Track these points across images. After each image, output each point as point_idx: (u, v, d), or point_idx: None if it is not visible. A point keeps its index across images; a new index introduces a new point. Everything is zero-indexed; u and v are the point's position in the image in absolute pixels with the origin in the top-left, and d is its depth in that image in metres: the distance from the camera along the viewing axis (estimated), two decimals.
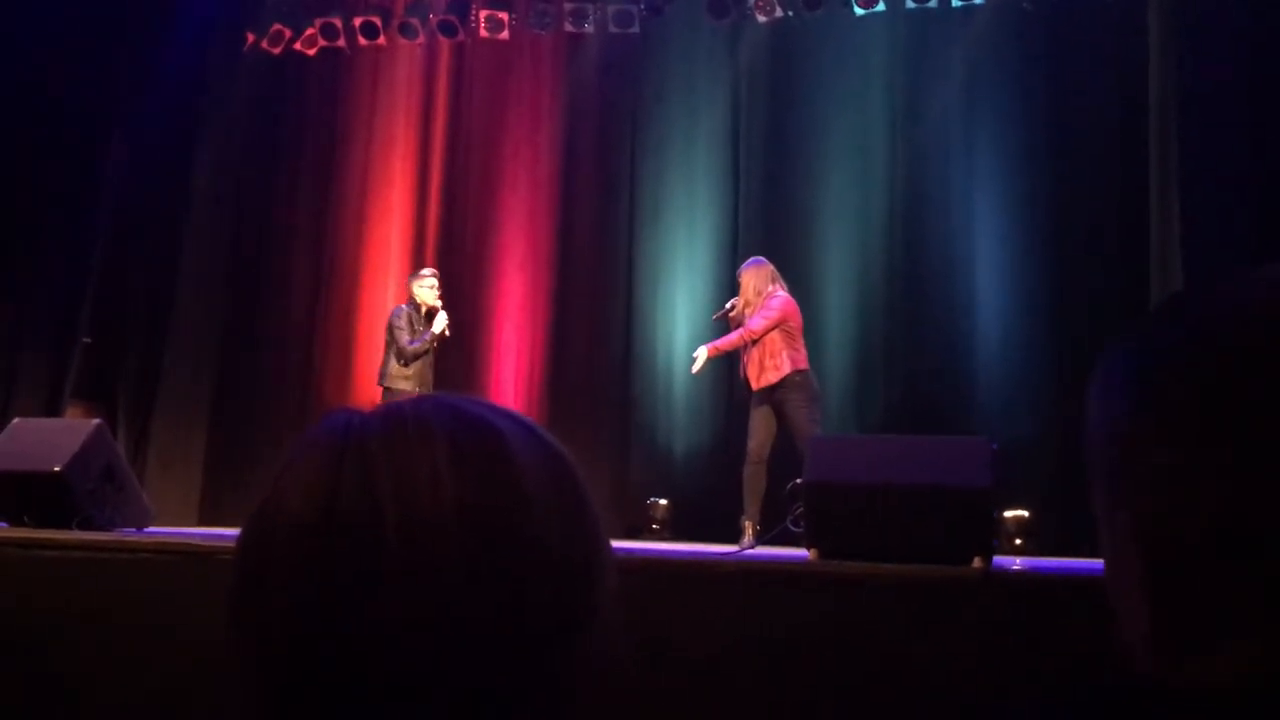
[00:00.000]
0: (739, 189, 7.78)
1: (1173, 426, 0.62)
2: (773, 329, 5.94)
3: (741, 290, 6.16)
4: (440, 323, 6.81)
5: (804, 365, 5.98)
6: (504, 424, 0.71)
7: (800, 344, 6.02)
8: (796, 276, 6.79)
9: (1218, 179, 5.72)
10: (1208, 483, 0.60)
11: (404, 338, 6.75)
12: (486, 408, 0.73)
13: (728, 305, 6.26)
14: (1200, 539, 0.61)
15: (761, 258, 6.30)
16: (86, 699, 3.49)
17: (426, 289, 6.88)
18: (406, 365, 6.72)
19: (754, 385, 5.99)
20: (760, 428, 5.98)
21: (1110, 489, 0.67)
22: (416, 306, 6.86)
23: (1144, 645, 0.64)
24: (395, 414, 0.70)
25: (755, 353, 5.97)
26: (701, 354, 6.16)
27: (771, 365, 5.92)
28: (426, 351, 6.79)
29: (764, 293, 6.06)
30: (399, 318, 6.84)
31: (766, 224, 7.57)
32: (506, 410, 0.74)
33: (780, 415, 5.92)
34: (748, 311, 6.06)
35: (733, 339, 6.07)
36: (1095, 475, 0.68)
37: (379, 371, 6.86)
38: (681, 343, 7.57)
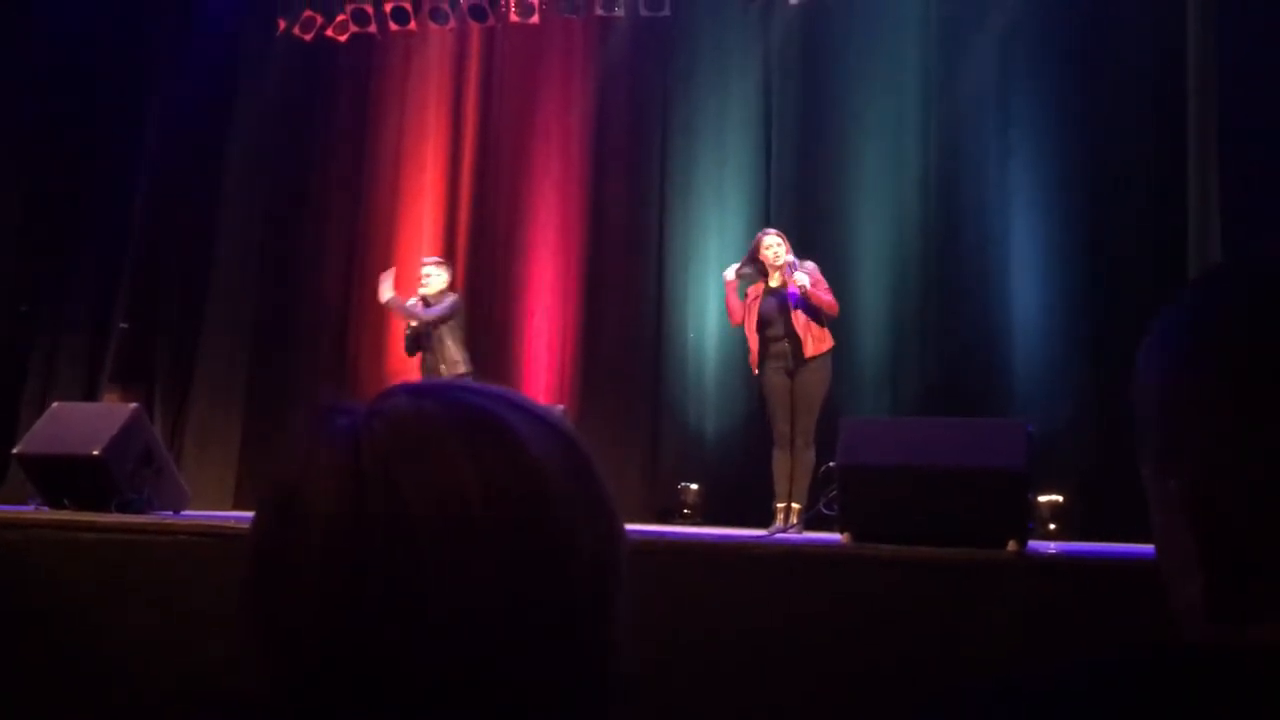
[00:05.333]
0: (770, 169, 7.72)
1: (1226, 391, 0.62)
2: None
3: (787, 251, 5.86)
4: (383, 295, 6.66)
5: None
6: (506, 409, 0.70)
7: None
8: (830, 256, 6.71)
9: (1259, 148, 5.60)
10: (1260, 448, 0.60)
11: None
12: (485, 396, 0.72)
13: (784, 279, 5.80)
14: (1252, 505, 0.60)
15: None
16: (123, 679, 3.53)
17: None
18: (411, 356, 6.67)
19: (809, 353, 5.71)
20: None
21: (1161, 455, 0.66)
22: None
23: (1196, 614, 0.63)
24: (399, 411, 0.69)
25: (808, 320, 5.75)
26: (803, 281, 5.71)
27: (820, 335, 5.78)
28: (412, 336, 6.64)
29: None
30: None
31: (798, 203, 7.49)
32: (503, 392, 0.73)
33: (804, 388, 5.75)
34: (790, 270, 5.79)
35: (828, 300, 5.76)
36: (1145, 441, 0.68)
37: None
38: (713, 324, 7.52)
